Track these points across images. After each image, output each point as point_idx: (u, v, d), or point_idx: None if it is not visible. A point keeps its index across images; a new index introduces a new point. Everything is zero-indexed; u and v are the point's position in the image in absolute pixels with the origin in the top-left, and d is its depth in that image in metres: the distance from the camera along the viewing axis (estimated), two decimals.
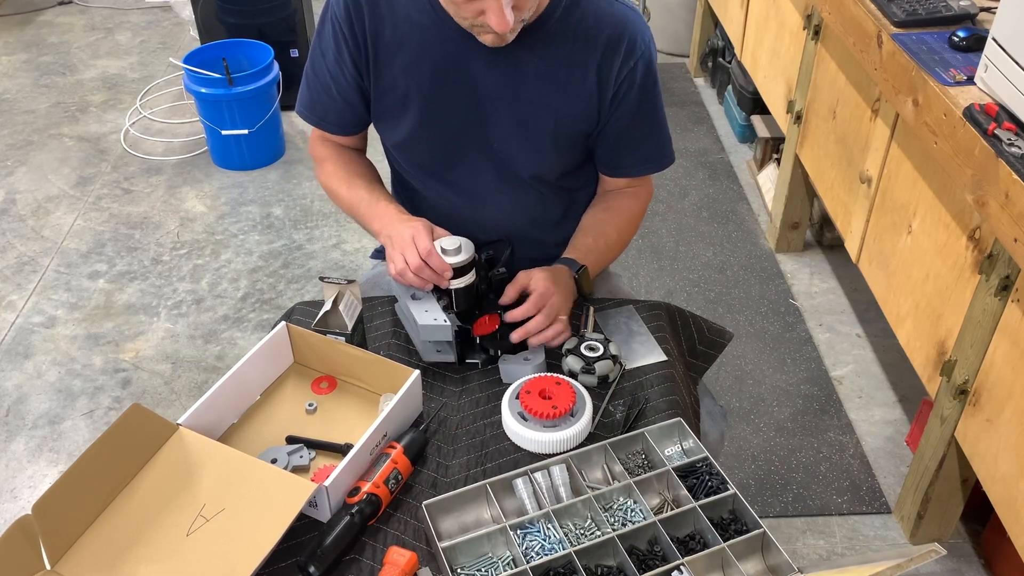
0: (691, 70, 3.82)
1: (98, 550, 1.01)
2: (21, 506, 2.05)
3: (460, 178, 1.41)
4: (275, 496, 1.03)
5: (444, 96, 1.32)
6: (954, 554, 1.90)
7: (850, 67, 2.16)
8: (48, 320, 2.58)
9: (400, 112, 1.35)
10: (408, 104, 1.34)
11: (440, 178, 1.42)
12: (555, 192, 1.45)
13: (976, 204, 1.53)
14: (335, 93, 1.38)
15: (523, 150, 1.36)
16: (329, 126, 1.44)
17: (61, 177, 3.21)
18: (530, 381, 1.20)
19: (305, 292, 2.66)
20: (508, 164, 1.38)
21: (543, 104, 1.32)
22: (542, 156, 1.37)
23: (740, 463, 2.11)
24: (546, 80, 1.30)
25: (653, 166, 1.44)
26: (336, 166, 1.45)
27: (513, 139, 1.35)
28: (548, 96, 1.31)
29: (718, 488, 1.10)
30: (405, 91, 1.33)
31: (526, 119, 1.33)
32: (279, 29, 3.36)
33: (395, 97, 1.34)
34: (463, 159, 1.38)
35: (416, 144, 1.39)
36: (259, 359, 1.23)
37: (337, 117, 1.41)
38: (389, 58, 1.32)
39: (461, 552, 1.03)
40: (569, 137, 1.36)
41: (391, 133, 1.41)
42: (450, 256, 1.24)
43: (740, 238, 2.85)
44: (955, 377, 1.69)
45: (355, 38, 1.31)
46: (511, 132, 1.34)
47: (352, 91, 1.37)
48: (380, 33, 1.30)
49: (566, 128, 1.35)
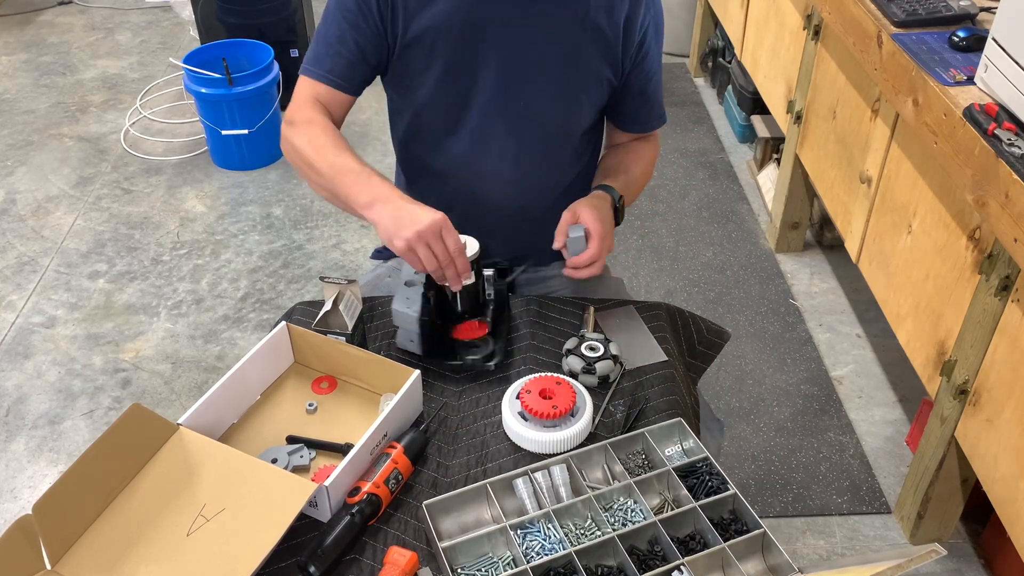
0: (691, 70, 3.82)
1: (98, 550, 1.01)
2: (21, 506, 2.05)
3: (477, 141, 1.38)
4: (275, 496, 1.03)
5: (471, 50, 1.31)
6: (954, 554, 1.90)
7: (850, 67, 2.16)
8: (48, 320, 2.58)
9: (424, 66, 1.33)
10: (433, 57, 1.32)
11: (456, 141, 1.39)
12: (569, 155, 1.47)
13: (976, 204, 1.53)
14: (350, 41, 1.31)
15: (552, 101, 1.37)
16: (333, 80, 1.34)
17: (61, 177, 3.21)
18: (530, 381, 1.20)
19: (305, 292, 2.66)
20: (532, 121, 1.38)
21: (576, 54, 1.33)
22: (573, 108, 1.39)
23: (740, 463, 2.11)
24: (575, 28, 1.32)
25: (659, 121, 1.51)
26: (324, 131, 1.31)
27: (543, 89, 1.35)
28: (575, 44, 1.33)
29: (718, 488, 1.10)
30: (432, 43, 1.31)
31: (559, 69, 1.34)
32: (279, 29, 3.36)
33: (421, 49, 1.32)
34: (484, 117, 1.36)
35: (436, 102, 1.36)
36: (259, 359, 1.23)
37: (346, 69, 1.33)
38: (420, 9, 1.29)
39: (461, 552, 1.03)
40: (598, 87, 1.39)
41: (410, 91, 1.37)
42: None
43: (740, 238, 2.85)
44: (955, 377, 1.69)
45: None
46: (540, 86, 1.35)
47: (370, 39, 1.31)
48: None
49: (597, 78, 1.37)
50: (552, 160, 1.45)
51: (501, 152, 1.40)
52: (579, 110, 1.40)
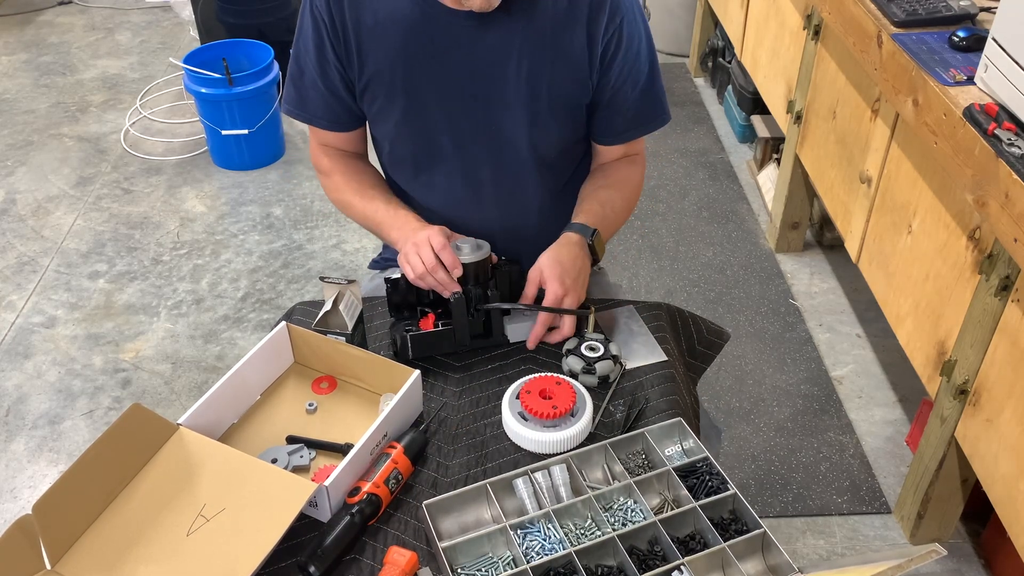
0: (691, 70, 3.82)
1: (98, 550, 1.01)
2: (21, 506, 2.05)
3: (458, 163, 1.37)
4: (275, 496, 1.03)
5: (432, 79, 1.29)
6: (954, 554, 1.90)
7: (850, 67, 2.16)
8: (48, 320, 2.58)
9: (387, 101, 1.32)
10: (394, 91, 1.31)
11: (433, 170, 1.39)
12: (551, 173, 1.42)
13: (976, 204, 1.53)
14: (322, 87, 1.34)
15: (520, 125, 1.33)
16: (321, 122, 1.40)
17: (61, 177, 3.21)
18: (530, 381, 1.20)
19: (305, 292, 2.66)
20: (505, 145, 1.35)
21: (535, 74, 1.29)
22: (540, 129, 1.34)
23: (740, 463, 2.11)
24: (536, 49, 1.27)
25: (643, 128, 1.41)
26: (345, 177, 1.43)
27: (510, 114, 1.32)
28: (539, 66, 1.28)
29: (718, 488, 1.10)
30: (391, 78, 1.30)
31: (520, 93, 1.30)
32: (279, 29, 3.36)
33: (381, 85, 1.31)
34: (457, 142, 1.35)
35: (407, 133, 1.36)
36: (259, 359, 1.23)
37: (327, 112, 1.38)
38: (372, 45, 1.28)
39: (461, 552, 1.03)
40: (565, 106, 1.33)
41: (380, 124, 1.38)
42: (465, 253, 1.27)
43: (740, 238, 2.85)
44: (955, 377, 1.69)
45: (335, 27, 1.28)
46: (506, 109, 1.31)
47: (338, 83, 1.33)
48: (361, 19, 1.27)
49: (561, 97, 1.32)
50: (532, 181, 1.41)
51: (478, 177, 1.39)
52: (548, 131, 1.35)
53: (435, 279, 1.25)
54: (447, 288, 1.26)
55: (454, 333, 1.28)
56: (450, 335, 1.29)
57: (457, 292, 1.26)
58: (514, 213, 1.43)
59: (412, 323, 1.30)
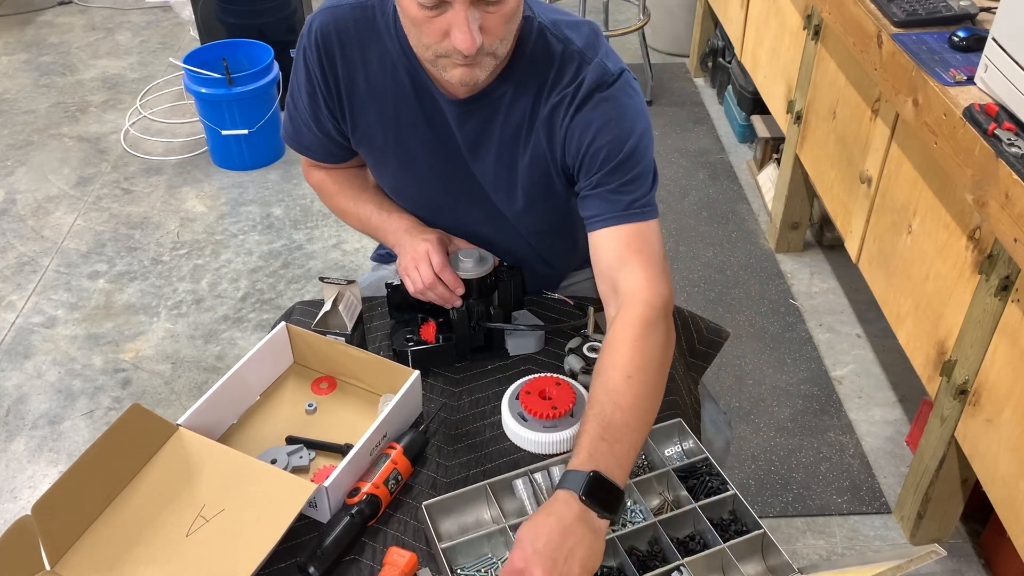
0: (691, 70, 3.82)
1: (98, 550, 1.01)
2: (21, 506, 2.05)
3: (453, 224, 1.36)
4: (275, 497, 1.03)
5: (423, 147, 1.27)
6: (954, 554, 1.90)
7: (850, 67, 2.16)
8: (48, 320, 2.58)
9: (381, 160, 1.32)
10: (387, 154, 1.29)
11: (430, 215, 1.37)
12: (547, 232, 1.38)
13: (976, 204, 1.53)
14: (315, 130, 1.32)
15: (503, 203, 1.31)
16: (316, 155, 1.39)
17: (61, 177, 3.21)
18: (530, 382, 1.20)
19: (305, 292, 2.66)
20: (495, 210, 1.32)
21: (511, 164, 1.25)
22: (521, 211, 1.31)
23: (740, 463, 2.11)
24: (512, 141, 1.23)
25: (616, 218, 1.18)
26: (338, 185, 1.42)
27: (494, 192, 1.30)
28: (514, 156, 1.24)
29: (718, 489, 1.10)
30: (383, 142, 1.28)
31: (499, 176, 1.27)
32: (279, 29, 3.36)
33: (373, 146, 1.30)
34: (452, 203, 1.33)
35: (402, 192, 1.36)
36: (259, 359, 1.23)
37: (321, 149, 1.37)
38: (364, 107, 1.26)
39: (461, 553, 1.03)
40: (541, 197, 1.27)
41: (376, 174, 1.38)
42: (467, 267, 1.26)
43: (740, 238, 2.85)
44: (955, 377, 1.69)
45: (327, 84, 1.25)
46: (490, 186, 1.29)
47: (331, 130, 1.31)
48: (354, 81, 1.24)
49: (535, 189, 1.26)
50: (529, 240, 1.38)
51: (475, 230, 1.37)
52: (529, 214, 1.31)
53: (435, 294, 1.25)
54: (448, 302, 1.26)
55: (455, 347, 1.29)
56: (451, 350, 1.29)
57: (459, 307, 1.26)
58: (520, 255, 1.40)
59: (413, 329, 1.30)
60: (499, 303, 1.31)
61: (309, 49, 1.24)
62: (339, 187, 1.42)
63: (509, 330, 1.31)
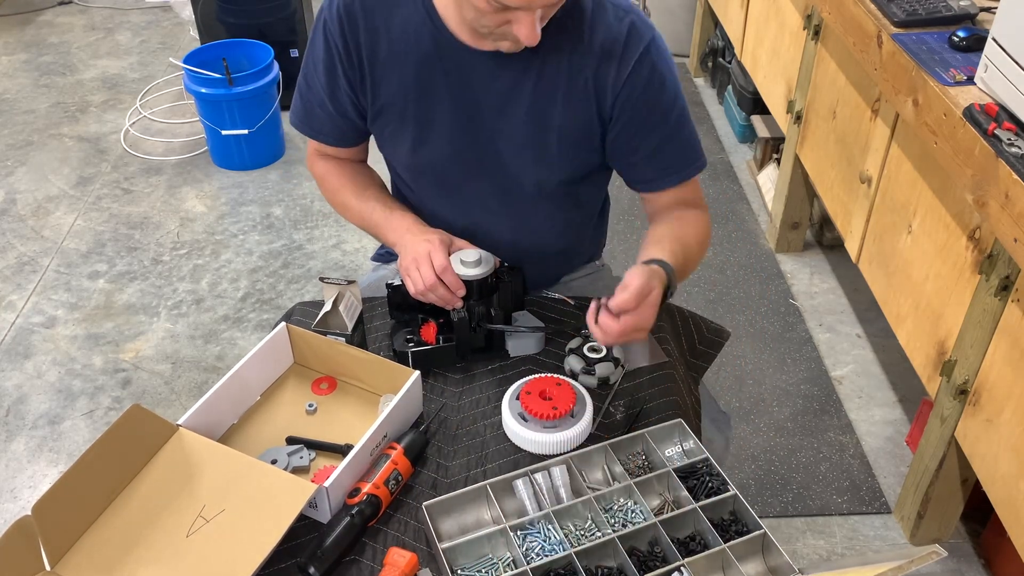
0: (691, 70, 3.82)
1: (98, 551, 1.01)
2: (21, 506, 2.05)
3: (462, 193, 1.37)
4: (275, 497, 1.03)
5: (444, 112, 1.28)
6: (954, 554, 1.90)
7: (850, 67, 2.16)
8: (48, 320, 2.58)
9: (399, 129, 1.32)
10: (406, 121, 1.30)
11: (445, 195, 1.38)
12: (560, 205, 1.40)
13: (976, 204, 1.53)
14: (330, 108, 1.33)
15: (527, 163, 1.32)
16: (327, 138, 1.39)
17: (61, 177, 3.21)
18: (530, 382, 1.20)
19: (305, 292, 2.66)
20: (512, 179, 1.34)
21: (544, 117, 1.27)
22: (548, 170, 1.32)
23: (740, 463, 2.11)
24: (546, 93, 1.26)
25: (676, 175, 1.36)
26: (342, 180, 1.42)
27: (517, 153, 1.31)
28: (549, 109, 1.27)
29: (719, 489, 1.10)
30: (403, 108, 1.29)
31: (529, 132, 1.29)
32: (279, 29, 3.36)
33: (393, 114, 1.30)
34: (465, 175, 1.34)
35: (416, 160, 1.35)
36: (259, 359, 1.23)
37: (334, 130, 1.37)
38: (386, 74, 1.27)
39: (461, 553, 1.03)
40: (573, 149, 1.31)
41: (390, 149, 1.38)
42: (468, 268, 1.25)
43: (740, 238, 2.85)
44: (955, 377, 1.69)
45: (349, 54, 1.26)
46: (515, 146, 1.30)
47: (348, 106, 1.33)
48: (376, 49, 1.26)
49: (569, 141, 1.30)
50: (543, 212, 1.39)
51: (487, 207, 1.38)
52: (553, 170, 1.33)
53: (436, 296, 1.25)
54: (449, 304, 1.26)
55: (456, 348, 1.29)
56: (451, 351, 1.29)
57: (460, 309, 1.26)
58: (526, 239, 1.41)
59: (413, 330, 1.30)
60: (499, 304, 1.30)
61: (331, 21, 1.26)
62: (342, 182, 1.42)
63: (510, 331, 1.30)
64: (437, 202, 1.40)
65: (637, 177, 1.36)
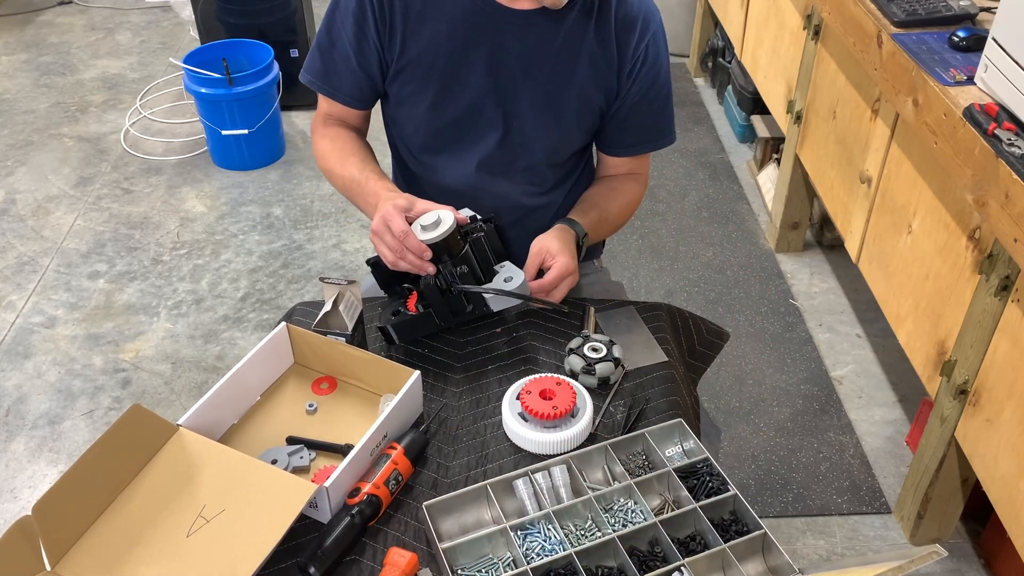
0: (691, 70, 3.82)
1: (98, 551, 1.00)
2: (21, 506, 2.05)
3: (478, 156, 1.39)
4: (275, 497, 1.03)
5: (469, 71, 1.31)
6: (954, 554, 1.90)
7: (850, 67, 2.16)
8: (48, 320, 2.58)
9: (421, 87, 1.33)
10: (430, 77, 1.32)
11: (457, 156, 1.40)
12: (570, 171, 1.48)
13: (976, 204, 1.53)
14: (354, 63, 1.34)
15: (545, 127, 1.37)
16: (343, 97, 1.39)
17: (61, 177, 3.21)
18: (530, 382, 1.20)
19: (305, 292, 2.66)
20: (525, 142, 1.38)
21: (568, 80, 1.33)
22: (562, 133, 1.39)
23: (740, 463, 2.11)
24: (570, 56, 1.32)
25: (651, 144, 1.47)
26: (332, 145, 1.42)
27: (537, 116, 1.35)
28: (573, 72, 1.33)
29: (719, 489, 1.10)
30: (430, 64, 1.31)
31: (551, 95, 1.34)
32: (279, 29, 3.36)
33: (418, 69, 1.32)
34: (483, 137, 1.37)
35: (431, 119, 1.37)
36: (259, 360, 1.23)
37: (352, 88, 1.38)
38: (417, 29, 1.30)
39: (461, 553, 1.03)
40: (590, 113, 1.38)
41: (406, 107, 1.38)
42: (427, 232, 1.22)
43: (740, 238, 2.85)
44: (955, 377, 1.69)
45: (382, 6, 1.29)
46: (536, 109, 1.35)
47: (372, 62, 1.34)
48: (410, 2, 1.29)
49: (588, 104, 1.37)
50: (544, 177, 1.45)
51: (492, 168, 1.40)
52: (569, 135, 1.41)
53: (407, 263, 1.24)
54: (422, 270, 1.24)
55: (433, 315, 1.28)
56: (430, 317, 1.28)
57: (428, 274, 1.24)
58: (525, 208, 1.46)
59: (401, 303, 1.31)
60: (478, 260, 1.27)
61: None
62: (332, 148, 1.41)
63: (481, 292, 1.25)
64: (441, 160, 1.41)
65: (614, 142, 1.45)
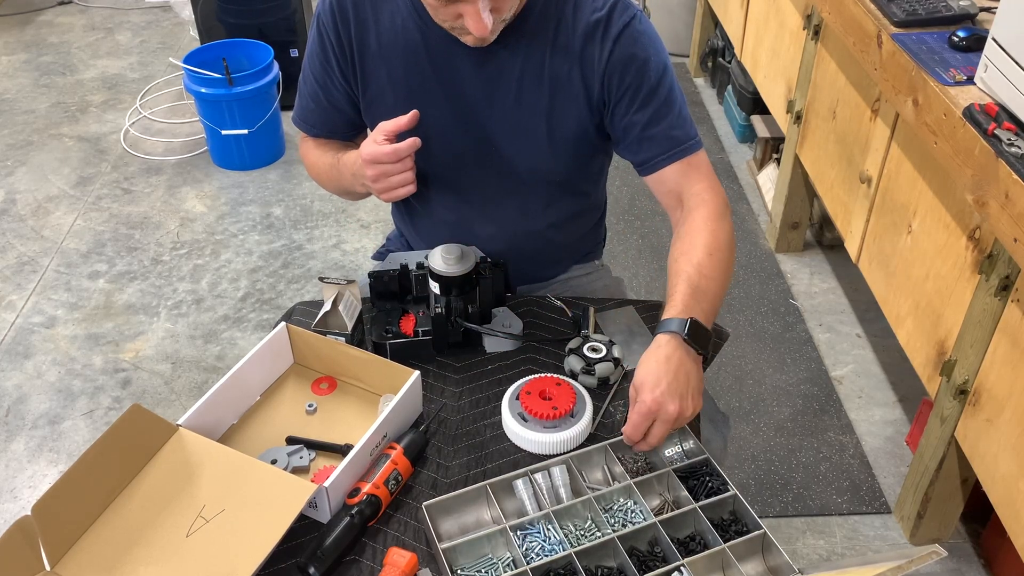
0: (691, 70, 3.82)
1: (98, 551, 1.01)
2: (21, 506, 2.05)
3: (462, 185, 1.38)
4: (275, 497, 1.03)
5: (434, 104, 1.29)
6: (954, 554, 1.90)
7: (850, 67, 2.16)
8: (48, 320, 2.58)
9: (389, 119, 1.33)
10: (396, 112, 1.29)
11: (441, 186, 1.39)
12: (558, 196, 1.41)
13: (976, 204, 1.53)
14: (324, 100, 1.36)
15: (521, 153, 1.33)
16: (317, 131, 1.42)
17: (61, 177, 3.21)
18: (530, 382, 1.20)
19: (305, 292, 2.66)
20: (508, 167, 1.35)
21: (533, 106, 1.28)
22: (541, 158, 1.33)
23: (740, 463, 2.11)
24: (533, 81, 1.26)
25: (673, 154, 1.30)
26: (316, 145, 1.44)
27: (510, 142, 1.32)
28: (536, 97, 1.27)
29: (718, 489, 1.10)
30: (394, 101, 1.30)
31: (519, 122, 1.30)
32: (279, 29, 3.36)
33: (384, 107, 1.31)
34: (462, 166, 1.36)
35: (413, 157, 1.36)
36: (259, 360, 1.23)
37: (327, 124, 1.40)
38: (375, 68, 1.30)
39: (461, 553, 1.03)
40: (565, 138, 1.31)
41: None
42: (450, 265, 1.25)
43: (740, 238, 2.85)
44: (955, 377, 1.69)
45: (342, 46, 1.29)
46: (507, 136, 1.32)
47: (341, 98, 1.35)
48: (365, 42, 1.28)
49: (560, 129, 1.30)
50: (537, 203, 1.40)
51: (479, 199, 1.39)
52: (548, 160, 1.33)
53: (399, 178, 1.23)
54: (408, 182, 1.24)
55: (432, 343, 1.30)
56: (428, 345, 1.30)
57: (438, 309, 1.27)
58: (520, 232, 1.42)
59: (392, 320, 1.31)
60: (480, 300, 1.30)
61: (324, 14, 1.29)
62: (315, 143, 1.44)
63: (485, 332, 1.31)
64: (436, 190, 1.40)
65: (638, 159, 1.33)
